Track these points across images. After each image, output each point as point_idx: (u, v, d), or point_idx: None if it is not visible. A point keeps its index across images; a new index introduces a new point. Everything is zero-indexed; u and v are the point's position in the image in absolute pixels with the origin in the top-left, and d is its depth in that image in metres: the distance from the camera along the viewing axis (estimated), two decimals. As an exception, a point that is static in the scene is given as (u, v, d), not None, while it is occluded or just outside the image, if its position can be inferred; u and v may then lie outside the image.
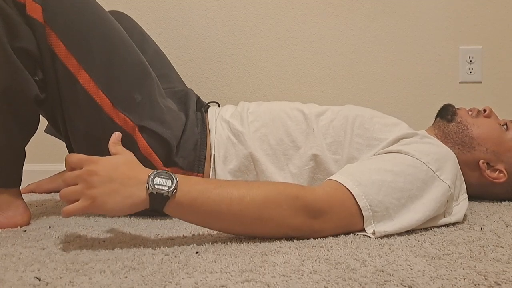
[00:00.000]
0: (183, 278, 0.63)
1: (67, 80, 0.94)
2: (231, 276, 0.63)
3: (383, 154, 0.97)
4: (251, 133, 1.07)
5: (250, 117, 1.11)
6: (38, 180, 1.42)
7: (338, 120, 1.07)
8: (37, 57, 0.92)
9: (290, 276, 0.63)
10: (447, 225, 0.93)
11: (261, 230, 0.81)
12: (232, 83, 1.70)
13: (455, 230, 0.90)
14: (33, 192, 1.39)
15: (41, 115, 1.00)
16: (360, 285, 0.60)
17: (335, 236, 0.83)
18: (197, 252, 0.74)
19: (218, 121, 1.12)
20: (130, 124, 0.98)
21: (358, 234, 0.84)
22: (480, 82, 1.71)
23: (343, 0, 1.69)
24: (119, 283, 0.61)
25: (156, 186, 0.74)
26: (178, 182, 0.75)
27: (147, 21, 1.64)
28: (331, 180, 0.87)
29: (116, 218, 1.02)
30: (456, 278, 0.63)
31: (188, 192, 0.76)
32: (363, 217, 0.83)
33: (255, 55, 1.70)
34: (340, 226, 0.84)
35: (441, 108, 1.21)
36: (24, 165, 0.97)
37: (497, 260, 0.71)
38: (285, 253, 0.73)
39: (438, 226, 0.91)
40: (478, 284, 0.61)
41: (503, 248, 0.78)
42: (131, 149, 0.84)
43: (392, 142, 1.00)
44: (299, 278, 0.63)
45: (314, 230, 0.82)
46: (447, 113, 1.17)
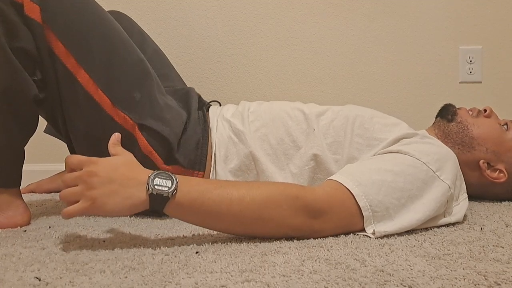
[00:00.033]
0: (183, 278, 0.63)
1: (67, 80, 0.94)
2: (231, 276, 0.63)
3: (383, 154, 0.97)
4: (251, 133, 1.07)
5: (251, 116, 1.11)
6: (38, 180, 1.42)
7: (339, 120, 1.07)
8: (35, 57, 0.92)
9: (290, 276, 0.63)
10: (447, 225, 0.93)
11: (261, 230, 0.81)
12: (232, 83, 1.70)
13: (455, 230, 0.90)
14: (33, 192, 1.39)
15: (40, 116, 1.00)
16: (360, 285, 0.60)
17: (335, 236, 0.83)
18: (197, 252, 0.74)
19: (219, 120, 1.12)
20: (130, 122, 0.98)
21: (358, 234, 0.84)
22: (480, 82, 1.71)
23: (343, 0, 1.69)
24: (119, 283, 0.61)
25: (156, 187, 0.74)
26: (178, 183, 0.75)
27: (147, 21, 1.64)
28: (331, 180, 0.87)
29: (116, 218, 1.02)
30: (456, 278, 0.63)
31: (188, 192, 0.76)
32: (363, 217, 0.83)
33: (255, 55, 1.70)
34: (340, 226, 0.84)
35: (441, 108, 1.21)
36: (24, 165, 0.97)
37: (497, 260, 0.71)
38: (285, 253, 0.73)
39: (438, 226, 0.91)
40: (478, 284, 0.61)
41: (503, 248, 0.78)
42: (132, 147, 0.84)
43: (392, 142, 1.00)
44: (299, 278, 0.63)
45: (314, 230, 0.82)
46: (447, 112, 1.17)
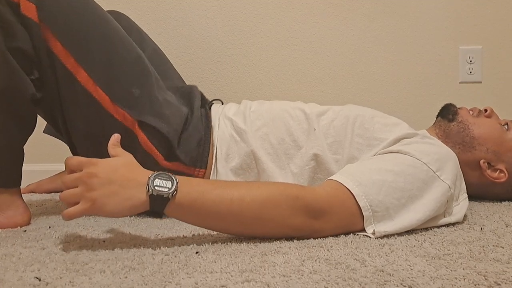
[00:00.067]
0: (183, 278, 0.63)
1: (66, 79, 0.94)
2: (231, 276, 0.63)
3: (384, 154, 0.97)
4: (253, 132, 1.07)
5: (252, 115, 1.11)
6: (38, 180, 1.42)
7: (339, 120, 1.07)
8: (32, 57, 0.92)
9: (290, 276, 0.63)
10: (447, 225, 0.93)
11: (262, 230, 0.81)
12: (232, 83, 1.70)
13: (455, 230, 0.90)
14: (33, 192, 1.40)
15: (40, 116, 1.00)
16: (360, 285, 0.60)
17: (335, 236, 0.83)
18: (197, 252, 0.74)
19: (221, 119, 1.12)
20: (129, 119, 0.98)
21: (358, 234, 0.84)
22: (480, 82, 1.70)
23: (343, 0, 1.69)
24: (119, 283, 0.61)
25: (156, 188, 0.74)
26: (178, 184, 0.75)
27: (147, 21, 1.64)
28: (332, 180, 0.87)
29: (116, 218, 1.02)
30: (456, 278, 0.63)
31: (188, 193, 0.76)
32: (363, 217, 0.83)
33: (255, 55, 1.69)
34: (340, 226, 0.84)
35: (442, 107, 1.21)
36: (24, 165, 0.97)
37: (497, 260, 0.71)
38: (285, 253, 0.73)
39: (438, 226, 0.91)
40: (478, 284, 0.61)
41: (503, 248, 0.78)
42: (133, 144, 0.83)
43: (393, 142, 1.00)
44: (299, 278, 0.63)
45: (314, 230, 0.82)
46: (448, 112, 1.17)
